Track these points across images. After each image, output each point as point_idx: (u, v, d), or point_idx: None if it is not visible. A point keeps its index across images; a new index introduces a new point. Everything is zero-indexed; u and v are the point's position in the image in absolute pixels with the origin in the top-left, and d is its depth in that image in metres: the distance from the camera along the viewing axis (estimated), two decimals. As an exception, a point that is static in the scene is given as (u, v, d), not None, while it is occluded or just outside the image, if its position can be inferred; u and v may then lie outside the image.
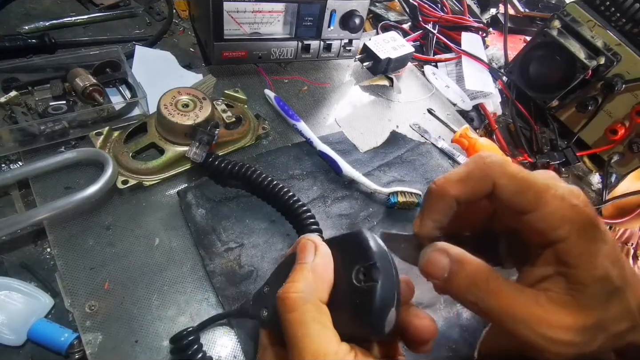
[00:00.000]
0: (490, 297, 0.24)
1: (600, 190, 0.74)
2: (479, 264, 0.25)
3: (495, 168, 0.25)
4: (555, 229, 0.24)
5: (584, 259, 0.23)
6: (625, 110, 0.70)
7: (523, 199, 0.25)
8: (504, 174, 0.25)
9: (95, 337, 0.38)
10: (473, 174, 0.26)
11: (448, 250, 0.25)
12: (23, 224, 0.41)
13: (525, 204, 0.25)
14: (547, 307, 0.23)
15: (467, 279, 0.25)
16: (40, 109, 0.49)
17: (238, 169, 0.48)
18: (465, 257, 0.25)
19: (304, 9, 0.59)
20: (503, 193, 0.25)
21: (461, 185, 0.26)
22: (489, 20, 0.98)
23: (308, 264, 0.28)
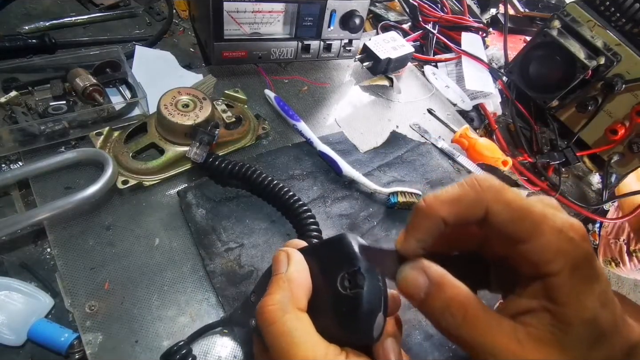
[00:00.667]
0: (464, 326, 0.23)
1: (600, 190, 0.74)
2: (458, 289, 0.24)
3: (490, 193, 0.24)
4: (548, 263, 0.23)
5: (574, 298, 0.22)
6: (625, 110, 0.70)
7: (517, 228, 0.23)
8: (499, 201, 0.24)
9: (95, 337, 0.38)
10: (466, 197, 0.24)
11: (427, 270, 0.24)
12: (23, 224, 0.41)
13: (520, 234, 0.23)
14: (525, 344, 0.22)
15: (443, 303, 0.23)
16: (40, 109, 0.49)
17: (238, 169, 0.48)
18: (444, 279, 0.24)
19: (304, 9, 0.59)
20: (496, 220, 0.24)
21: (452, 207, 0.24)
22: (489, 20, 0.98)
23: (283, 275, 0.28)
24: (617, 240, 0.70)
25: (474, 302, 0.23)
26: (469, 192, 0.24)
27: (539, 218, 0.23)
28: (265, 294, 0.28)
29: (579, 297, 0.22)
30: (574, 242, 0.23)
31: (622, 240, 0.69)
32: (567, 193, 0.71)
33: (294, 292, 0.27)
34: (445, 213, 0.24)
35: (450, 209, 0.24)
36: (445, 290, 0.24)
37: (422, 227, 0.25)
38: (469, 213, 0.24)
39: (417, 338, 0.44)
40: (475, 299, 0.23)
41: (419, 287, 0.24)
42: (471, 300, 0.23)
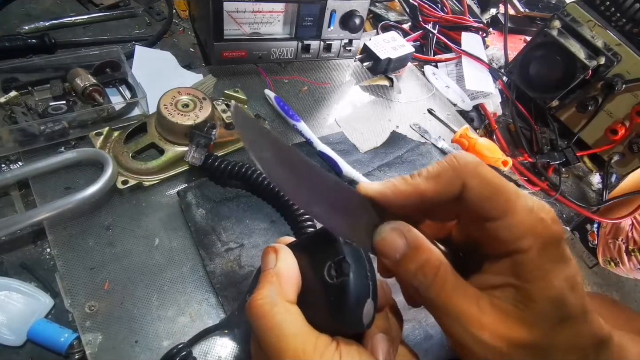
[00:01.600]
0: (433, 287, 0.24)
1: (600, 190, 0.74)
2: (432, 253, 0.24)
3: (467, 168, 0.24)
4: (518, 239, 0.23)
5: (539, 275, 0.22)
6: (625, 110, 0.70)
7: (491, 204, 0.24)
8: (476, 176, 0.24)
9: (95, 338, 0.38)
10: (445, 173, 0.25)
11: (406, 233, 0.25)
12: (23, 224, 0.41)
13: (493, 210, 0.24)
14: (485, 311, 0.23)
15: (417, 265, 0.24)
16: (40, 109, 0.49)
17: (238, 169, 0.48)
18: (421, 242, 0.25)
19: (304, 9, 0.59)
20: (472, 195, 0.24)
21: (431, 182, 0.25)
22: (489, 20, 0.98)
23: (271, 270, 0.28)
24: (615, 240, 0.70)
25: (445, 266, 0.24)
26: (447, 169, 0.25)
27: (512, 195, 0.24)
28: (255, 289, 0.28)
29: (546, 275, 0.22)
30: (544, 223, 0.23)
31: (620, 240, 0.69)
32: (567, 193, 0.71)
33: (282, 286, 0.27)
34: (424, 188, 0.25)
35: (430, 184, 0.25)
36: (421, 253, 0.24)
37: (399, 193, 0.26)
38: (447, 189, 0.25)
39: (417, 338, 0.44)
40: (447, 264, 0.24)
41: (396, 249, 0.25)
42: (443, 264, 0.24)
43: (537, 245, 0.23)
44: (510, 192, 0.24)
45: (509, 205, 0.23)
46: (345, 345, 0.25)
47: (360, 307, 0.25)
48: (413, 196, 0.25)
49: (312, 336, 0.25)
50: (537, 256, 0.23)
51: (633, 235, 0.67)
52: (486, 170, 0.24)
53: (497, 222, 0.24)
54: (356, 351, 0.25)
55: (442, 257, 0.25)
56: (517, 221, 0.23)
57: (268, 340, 0.25)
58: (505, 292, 0.23)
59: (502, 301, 0.23)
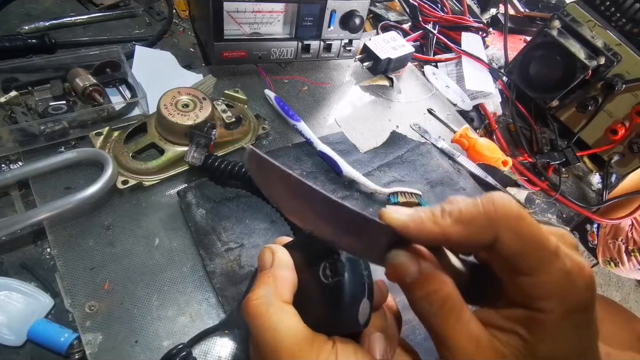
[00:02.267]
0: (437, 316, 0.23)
1: (600, 190, 0.74)
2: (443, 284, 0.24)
3: (504, 220, 0.22)
4: (543, 300, 0.22)
5: (553, 337, 0.22)
6: (625, 111, 0.70)
7: (524, 261, 0.22)
8: (512, 229, 0.22)
9: (95, 337, 0.38)
10: (478, 220, 0.23)
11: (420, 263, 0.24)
12: (23, 224, 0.41)
13: (525, 268, 0.22)
14: (483, 352, 0.22)
15: (425, 293, 0.24)
16: (40, 109, 0.49)
17: (238, 169, 0.48)
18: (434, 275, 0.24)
19: (304, 9, 0.59)
20: (504, 248, 0.22)
21: (461, 227, 0.23)
22: (489, 20, 0.98)
23: (267, 270, 0.28)
24: (615, 240, 0.70)
25: (453, 299, 0.23)
26: (481, 216, 0.23)
27: (548, 256, 0.22)
28: (250, 290, 0.28)
29: (559, 339, 0.22)
30: (577, 289, 0.22)
31: (620, 240, 0.69)
32: (567, 193, 0.71)
33: (278, 286, 0.27)
34: (452, 232, 0.23)
35: (458, 229, 0.23)
36: (431, 283, 0.24)
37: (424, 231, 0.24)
38: (477, 238, 0.23)
39: (417, 338, 0.44)
40: (455, 296, 0.24)
41: (407, 275, 0.24)
42: (451, 297, 0.23)
43: (561, 310, 0.22)
44: (547, 250, 0.22)
45: (543, 265, 0.22)
46: (342, 345, 0.25)
47: (355, 306, 0.25)
48: (439, 237, 0.23)
49: (308, 336, 0.25)
50: (558, 319, 0.22)
51: (633, 235, 0.67)
52: (525, 223, 0.22)
53: (526, 278, 0.22)
54: (352, 350, 0.25)
55: (452, 288, 0.24)
56: (547, 283, 0.22)
57: (264, 340, 0.25)
58: (511, 340, 0.23)
59: (504, 347, 0.22)
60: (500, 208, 0.22)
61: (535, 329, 0.22)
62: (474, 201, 0.23)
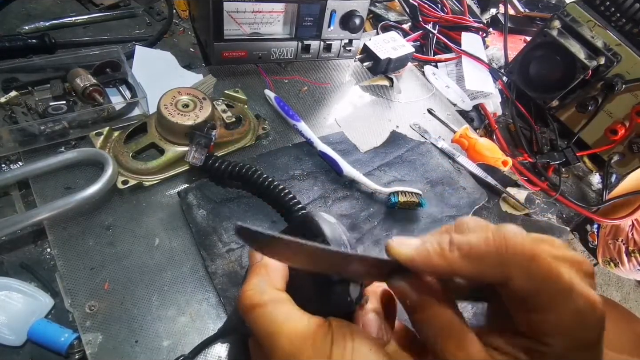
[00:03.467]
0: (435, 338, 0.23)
1: (600, 191, 0.74)
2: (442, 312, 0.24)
3: (516, 259, 0.21)
4: (550, 336, 0.21)
5: None
6: (625, 111, 0.70)
7: (535, 300, 0.21)
8: (525, 270, 0.21)
9: (95, 337, 0.38)
10: (488, 257, 0.22)
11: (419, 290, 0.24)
12: (23, 224, 0.41)
13: (535, 306, 0.22)
14: None
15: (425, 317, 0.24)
16: (40, 109, 0.49)
17: (238, 170, 0.48)
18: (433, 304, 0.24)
19: (304, 9, 0.59)
20: (515, 288, 0.22)
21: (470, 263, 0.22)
22: (489, 20, 0.98)
23: (258, 263, 0.29)
24: (615, 240, 0.70)
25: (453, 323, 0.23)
26: (492, 253, 0.22)
27: (561, 295, 0.21)
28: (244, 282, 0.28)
29: None
30: (586, 329, 0.21)
31: (620, 241, 0.69)
32: (567, 193, 0.71)
33: (270, 276, 0.28)
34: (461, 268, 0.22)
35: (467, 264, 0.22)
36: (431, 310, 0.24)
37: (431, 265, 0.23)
38: (487, 276, 0.22)
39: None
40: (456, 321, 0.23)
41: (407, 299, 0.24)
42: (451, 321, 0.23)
43: (566, 345, 0.21)
44: (560, 288, 0.21)
45: (554, 305, 0.21)
46: (337, 324, 0.25)
47: (345, 286, 0.26)
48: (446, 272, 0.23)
49: (304, 318, 0.25)
50: (561, 354, 0.21)
51: (633, 236, 0.67)
52: (538, 264, 0.21)
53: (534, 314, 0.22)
54: (348, 328, 0.25)
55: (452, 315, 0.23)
56: (557, 321, 0.21)
57: (261, 328, 0.25)
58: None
59: None
60: (512, 246, 0.22)
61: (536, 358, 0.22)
62: (485, 235, 0.22)
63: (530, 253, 0.21)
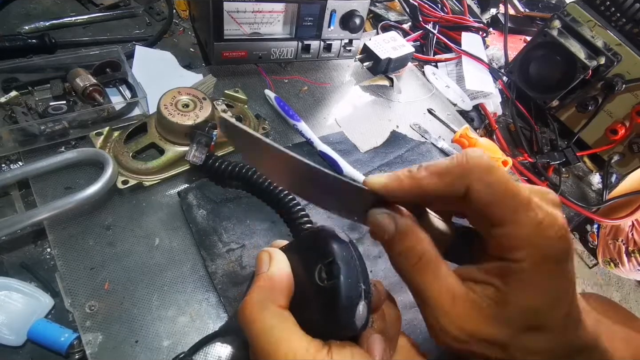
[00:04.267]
0: (414, 270, 0.24)
1: (600, 190, 0.74)
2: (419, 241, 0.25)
3: (475, 170, 0.23)
4: (515, 250, 0.22)
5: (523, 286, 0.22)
6: (625, 110, 0.70)
7: (495, 210, 0.23)
8: (483, 180, 0.23)
9: (95, 337, 0.38)
10: (450, 171, 0.24)
11: (397, 219, 0.25)
12: (23, 224, 0.41)
13: (496, 217, 0.23)
14: (458, 303, 0.23)
15: (402, 248, 0.25)
16: (40, 109, 0.49)
17: (238, 170, 0.48)
18: (409, 230, 0.25)
19: (304, 9, 0.59)
20: (475, 199, 0.23)
21: (435, 179, 0.24)
22: (489, 20, 0.98)
23: (263, 274, 0.28)
24: (615, 240, 0.70)
25: (429, 254, 0.25)
26: (454, 167, 0.24)
27: (520, 206, 0.22)
28: (246, 294, 0.28)
29: (531, 290, 0.23)
30: (548, 239, 0.22)
31: (620, 241, 0.69)
32: (567, 193, 0.71)
33: (274, 290, 0.27)
34: (427, 184, 0.24)
35: (432, 180, 0.24)
36: (407, 239, 0.25)
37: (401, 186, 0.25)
38: (450, 189, 0.24)
39: (417, 338, 0.44)
40: (431, 252, 0.25)
41: (385, 232, 0.25)
42: (426, 252, 0.25)
43: (532, 259, 0.22)
44: (518, 201, 0.22)
45: (514, 216, 0.22)
46: (338, 349, 0.25)
47: (352, 309, 0.25)
48: (415, 190, 0.25)
49: (303, 341, 0.25)
50: (529, 268, 0.22)
51: (633, 236, 0.67)
52: (496, 175, 0.23)
53: (497, 228, 0.23)
54: (350, 354, 0.25)
55: (429, 245, 0.25)
56: (518, 233, 0.22)
57: (259, 345, 0.25)
58: (485, 290, 0.24)
59: (478, 297, 0.24)
60: (472, 159, 0.23)
61: (509, 279, 0.23)
62: (450, 157, 0.25)
63: (488, 165, 0.23)
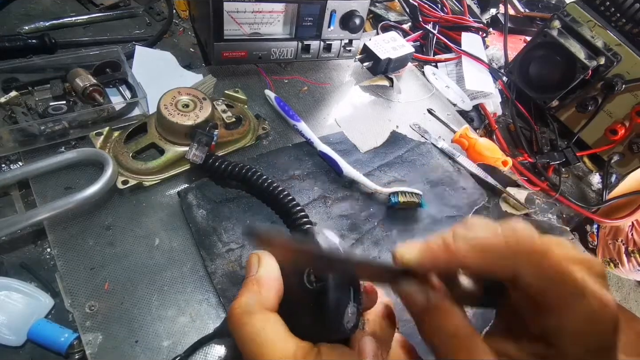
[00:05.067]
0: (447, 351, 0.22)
1: (600, 191, 0.74)
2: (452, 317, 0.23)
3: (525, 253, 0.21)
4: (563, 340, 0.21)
5: None
6: (625, 111, 0.70)
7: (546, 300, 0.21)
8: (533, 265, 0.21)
9: (95, 337, 0.38)
10: (495, 250, 0.21)
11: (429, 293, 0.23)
12: (23, 224, 0.41)
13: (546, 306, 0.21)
14: None
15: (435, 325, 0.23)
16: (40, 109, 0.49)
17: (238, 170, 0.48)
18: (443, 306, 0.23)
19: (304, 9, 0.59)
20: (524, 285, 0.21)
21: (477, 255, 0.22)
22: (489, 20, 0.98)
23: (252, 277, 0.28)
24: (615, 241, 0.70)
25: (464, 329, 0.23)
26: (500, 246, 0.21)
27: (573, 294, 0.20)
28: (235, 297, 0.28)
29: None
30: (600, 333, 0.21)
31: (620, 241, 0.69)
32: (567, 193, 0.71)
33: (262, 294, 0.27)
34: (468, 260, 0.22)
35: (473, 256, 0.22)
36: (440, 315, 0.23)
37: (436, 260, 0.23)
38: (496, 269, 0.22)
39: (417, 338, 0.44)
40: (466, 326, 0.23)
41: (416, 305, 0.24)
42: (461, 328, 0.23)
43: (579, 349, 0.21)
44: (572, 290, 0.20)
45: (566, 306, 0.20)
46: (327, 351, 0.25)
47: (340, 312, 0.25)
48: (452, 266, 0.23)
49: (292, 344, 0.25)
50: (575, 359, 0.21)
51: (633, 236, 0.67)
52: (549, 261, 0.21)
53: (547, 315, 0.21)
54: (339, 356, 0.25)
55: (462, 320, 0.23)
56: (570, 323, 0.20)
57: (247, 349, 0.25)
58: None
59: None
60: (522, 240, 0.21)
61: None
62: (493, 228, 0.22)
63: (541, 249, 0.21)
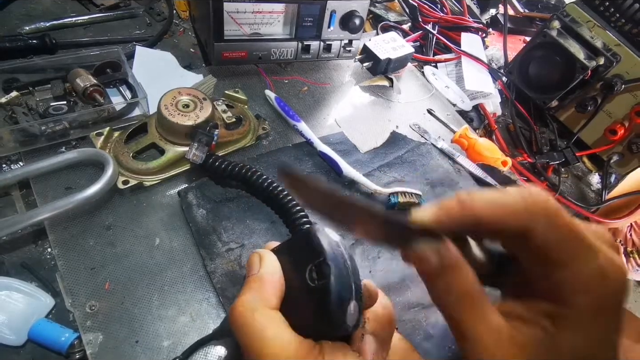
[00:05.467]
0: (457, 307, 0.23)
1: (600, 191, 0.74)
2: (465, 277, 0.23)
3: (538, 206, 0.22)
4: (573, 295, 0.21)
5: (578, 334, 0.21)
6: (624, 111, 0.71)
7: (557, 252, 0.21)
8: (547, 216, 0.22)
9: (95, 337, 0.38)
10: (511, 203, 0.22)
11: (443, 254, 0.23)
12: (24, 224, 0.41)
13: (558, 260, 0.21)
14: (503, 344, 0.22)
15: (446, 285, 0.23)
16: (41, 109, 0.50)
17: (238, 170, 0.48)
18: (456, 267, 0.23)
19: (304, 10, 0.59)
20: (538, 239, 0.22)
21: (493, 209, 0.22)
22: (488, 20, 0.98)
23: (254, 275, 0.28)
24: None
25: (475, 289, 0.23)
26: (516, 200, 0.22)
27: (584, 249, 0.21)
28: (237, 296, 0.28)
29: (582, 335, 0.21)
30: (610, 288, 0.21)
31: (618, 242, 0.69)
32: (567, 193, 0.71)
33: (264, 292, 0.27)
34: (485, 214, 0.22)
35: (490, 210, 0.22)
36: (453, 275, 0.23)
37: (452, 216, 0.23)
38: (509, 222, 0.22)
39: (417, 338, 0.44)
40: (477, 287, 0.23)
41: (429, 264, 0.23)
42: (473, 287, 0.23)
43: (591, 306, 0.21)
44: (583, 243, 0.21)
45: (578, 259, 0.21)
46: (329, 349, 0.25)
47: (343, 309, 0.25)
48: (468, 221, 0.23)
49: (294, 342, 0.25)
50: (586, 315, 0.21)
51: (632, 237, 0.67)
52: (563, 219, 0.22)
53: (556, 271, 0.22)
54: (341, 354, 0.25)
55: (474, 280, 0.23)
56: (580, 279, 0.21)
57: (250, 347, 0.25)
58: (533, 331, 0.22)
59: (525, 338, 0.22)
60: (537, 197, 0.22)
61: (561, 322, 0.22)
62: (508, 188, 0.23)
63: (555, 207, 0.22)
